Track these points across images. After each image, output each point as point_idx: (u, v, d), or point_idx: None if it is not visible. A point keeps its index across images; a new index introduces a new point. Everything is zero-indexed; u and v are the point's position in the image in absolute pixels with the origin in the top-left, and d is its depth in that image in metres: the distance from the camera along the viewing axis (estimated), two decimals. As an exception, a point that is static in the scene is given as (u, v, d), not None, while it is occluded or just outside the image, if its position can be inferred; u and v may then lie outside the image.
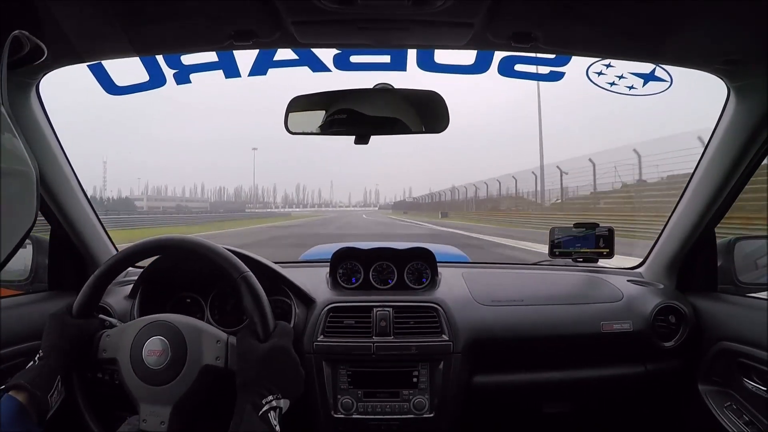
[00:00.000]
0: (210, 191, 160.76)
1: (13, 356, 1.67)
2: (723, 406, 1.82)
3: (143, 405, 1.20)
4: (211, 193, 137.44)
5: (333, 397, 1.79)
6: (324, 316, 1.85)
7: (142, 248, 1.38)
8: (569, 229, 2.27)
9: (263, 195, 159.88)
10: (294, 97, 1.66)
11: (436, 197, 64.24)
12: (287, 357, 1.18)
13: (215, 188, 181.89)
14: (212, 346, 1.23)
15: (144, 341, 1.25)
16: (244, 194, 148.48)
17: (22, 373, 1.14)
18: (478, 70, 1.85)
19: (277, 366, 1.16)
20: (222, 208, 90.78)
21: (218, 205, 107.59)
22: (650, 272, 2.22)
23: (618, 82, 1.89)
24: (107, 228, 2.13)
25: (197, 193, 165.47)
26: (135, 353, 1.25)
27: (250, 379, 1.13)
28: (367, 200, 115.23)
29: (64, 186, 1.87)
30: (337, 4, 1.22)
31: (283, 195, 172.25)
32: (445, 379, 1.80)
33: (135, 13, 1.29)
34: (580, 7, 1.27)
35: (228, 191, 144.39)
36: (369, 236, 22.31)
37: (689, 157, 11.45)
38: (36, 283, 2.01)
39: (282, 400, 1.12)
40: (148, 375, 1.22)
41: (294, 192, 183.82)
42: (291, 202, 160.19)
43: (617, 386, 2.00)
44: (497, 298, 1.99)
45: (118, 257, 1.36)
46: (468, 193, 44.08)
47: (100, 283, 1.33)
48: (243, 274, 1.27)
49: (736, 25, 1.32)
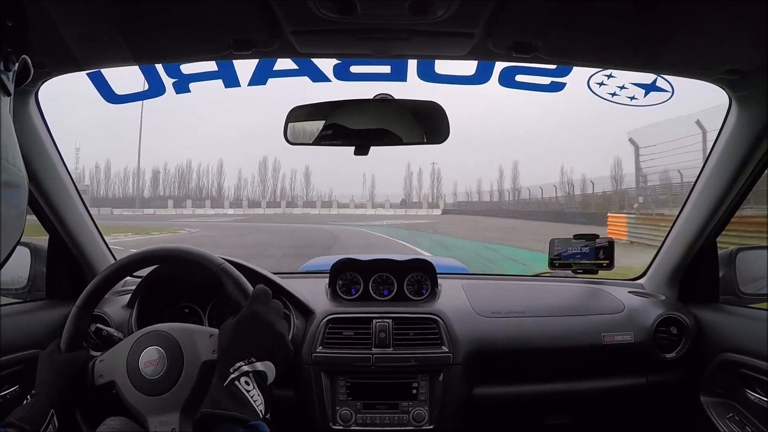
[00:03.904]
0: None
1: (11, 364, 1.67)
2: (725, 417, 1.80)
3: (151, 418, 1.19)
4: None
5: (331, 409, 1.78)
6: (323, 327, 1.84)
7: (117, 271, 1.39)
8: (569, 240, 2.26)
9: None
10: (294, 107, 1.66)
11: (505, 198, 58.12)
12: (258, 320, 1.14)
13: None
14: (206, 341, 1.22)
15: (138, 354, 1.25)
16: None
17: (15, 411, 1.13)
18: (478, 80, 1.85)
19: (249, 331, 1.13)
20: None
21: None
22: (652, 283, 2.21)
23: (619, 92, 1.89)
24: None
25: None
26: (132, 369, 1.24)
27: (222, 352, 1.11)
28: (412, 194, 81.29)
29: (63, 194, 1.86)
30: (337, 14, 1.21)
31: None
32: (445, 390, 1.78)
33: (134, 22, 1.28)
34: (581, 17, 1.27)
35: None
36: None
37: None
38: (34, 291, 2.00)
39: (259, 363, 1.08)
40: (150, 386, 1.21)
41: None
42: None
43: (618, 398, 1.98)
44: (497, 309, 1.98)
45: (97, 283, 1.37)
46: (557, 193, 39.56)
47: (81, 315, 1.34)
48: (221, 266, 1.27)
49: (737, 34, 1.32)
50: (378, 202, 76.02)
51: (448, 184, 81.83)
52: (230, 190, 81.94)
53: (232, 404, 1.01)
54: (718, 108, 1.76)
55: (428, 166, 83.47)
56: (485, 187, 70.92)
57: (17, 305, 1.93)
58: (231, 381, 1.04)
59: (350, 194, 78.70)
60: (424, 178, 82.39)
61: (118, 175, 78.26)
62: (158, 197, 72.53)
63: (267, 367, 1.10)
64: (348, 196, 77.71)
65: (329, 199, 78.54)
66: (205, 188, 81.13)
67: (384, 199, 76.06)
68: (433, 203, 74.24)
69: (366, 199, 79.34)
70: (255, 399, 1.04)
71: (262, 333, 1.13)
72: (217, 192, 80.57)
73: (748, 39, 1.33)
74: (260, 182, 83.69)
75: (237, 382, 1.04)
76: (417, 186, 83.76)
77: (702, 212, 1.91)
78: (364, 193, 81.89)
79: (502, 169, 73.26)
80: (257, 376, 1.07)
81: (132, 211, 55.74)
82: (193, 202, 68.26)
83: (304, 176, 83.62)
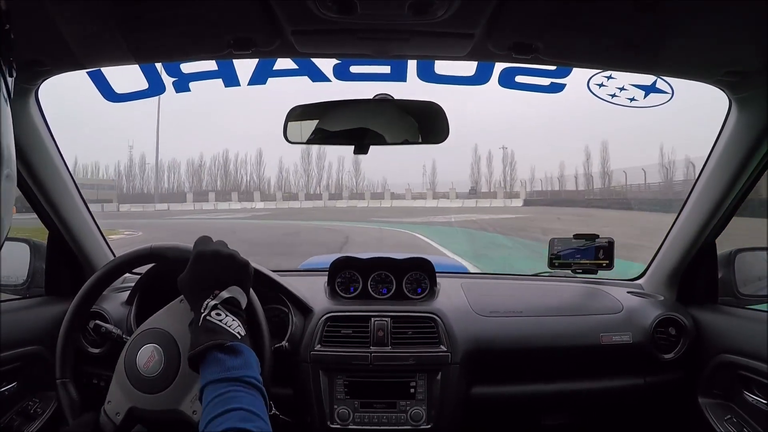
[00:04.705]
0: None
1: (10, 361, 1.67)
2: (723, 419, 1.80)
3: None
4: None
5: (329, 407, 1.78)
6: (321, 326, 1.84)
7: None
8: (569, 240, 2.26)
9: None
10: (293, 107, 1.66)
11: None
12: (205, 257, 1.17)
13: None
14: None
15: (135, 354, 1.27)
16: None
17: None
18: (478, 81, 1.84)
19: (202, 271, 1.16)
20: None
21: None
22: (650, 284, 2.21)
23: (619, 93, 1.89)
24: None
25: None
26: (130, 369, 1.26)
27: (190, 301, 1.15)
28: (481, 182, 67.27)
29: (62, 191, 1.86)
30: (337, 14, 1.21)
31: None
32: (443, 390, 1.79)
33: (134, 21, 1.28)
34: (581, 18, 1.27)
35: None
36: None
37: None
38: (33, 287, 2.01)
39: (223, 292, 1.12)
40: (149, 385, 1.25)
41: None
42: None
43: (616, 398, 1.98)
44: (496, 309, 1.98)
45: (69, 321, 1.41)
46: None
47: (68, 387, 1.38)
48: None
49: (737, 36, 1.31)
50: (441, 192, 62.48)
51: (523, 170, 67.35)
52: (270, 181, 74.23)
53: (207, 337, 1.05)
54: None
55: (498, 151, 72.43)
56: (569, 172, 59.71)
57: (16, 301, 1.95)
58: (203, 319, 1.08)
59: (406, 183, 66.26)
60: (495, 164, 69.11)
61: (149, 168, 71.49)
62: (177, 192, 66.74)
63: (232, 292, 1.14)
64: (403, 186, 65.86)
65: (381, 190, 67.39)
66: (243, 181, 73.59)
67: (448, 188, 62.52)
68: (510, 192, 60.93)
69: (426, 188, 66.55)
70: (229, 324, 1.08)
71: (213, 266, 1.17)
72: (255, 185, 72.23)
73: (748, 41, 1.33)
74: (303, 172, 74.19)
75: (209, 317, 1.08)
76: (486, 173, 70.41)
77: (701, 213, 1.91)
78: (424, 182, 69.14)
79: (589, 151, 61.50)
80: (226, 303, 1.11)
81: (143, 206, 52.71)
82: (216, 196, 62.23)
83: (353, 165, 72.67)
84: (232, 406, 0.93)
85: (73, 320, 1.40)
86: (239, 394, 0.96)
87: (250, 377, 1.00)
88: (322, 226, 25.01)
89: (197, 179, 71.18)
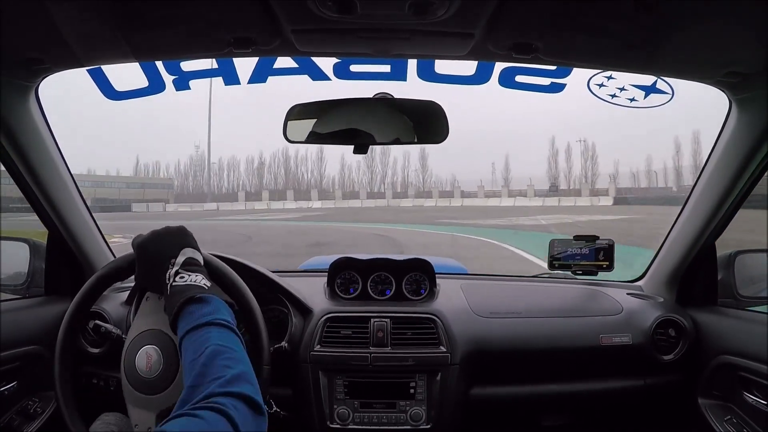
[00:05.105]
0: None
1: (10, 360, 1.67)
2: (723, 420, 1.80)
3: (150, 416, 1.23)
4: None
5: (329, 407, 1.78)
6: (321, 326, 1.84)
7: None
8: (569, 241, 2.25)
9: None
10: (293, 105, 1.66)
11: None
12: (146, 241, 1.25)
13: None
14: None
15: (135, 355, 1.27)
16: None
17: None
18: (478, 80, 1.84)
19: (150, 253, 1.23)
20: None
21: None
22: (650, 285, 2.21)
23: (619, 94, 1.89)
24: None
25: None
26: (129, 370, 1.27)
27: (157, 284, 1.20)
28: (559, 178, 62.61)
29: (62, 190, 1.86)
30: (337, 13, 1.21)
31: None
32: (443, 390, 1.79)
33: (134, 19, 1.28)
34: (581, 18, 1.27)
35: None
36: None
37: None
38: (33, 287, 2.01)
39: (177, 258, 1.19)
40: (148, 386, 1.25)
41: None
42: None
43: (616, 400, 1.98)
44: (496, 310, 1.98)
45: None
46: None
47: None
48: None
49: (738, 37, 1.31)
50: (516, 190, 56.49)
51: (605, 164, 62.23)
52: (334, 179, 72.26)
53: (179, 297, 1.11)
54: None
55: (575, 144, 65.24)
56: (657, 166, 56.45)
57: (16, 301, 1.94)
58: (170, 287, 1.14)
59: (478, 180, 60.79)
60: (574, 157, 63.34)
61: (209, 166, 70.87)
62: (232, 192, 65.67)
63: (186, 254, 1.21)
64: (475, 182, 60.36)
65: (450, 188, 62.85)
66: (304, 179, 71.56)
67: (525, 184, 56.06)
68: (595, 189, 55.00)
69: (501, 185, 61.34)
70: (194, 280, 1.15)
71: (157, 246, 1.24)
72: (316, 182, 70.21)
73: (749, 42, 1.33)
74: (366, 169, 71.21)
75: (174, 283, 1.14)
76: (565, 168, 63.98)
77: (701, 215, 1.90)
78: (493, 179, 64.07)
79: (679, 143, 56.99)
80: (185, 265, 1.18)
81: (190, 206, 52.21)
82: (271, 195, 60.40)
83: (419, 161, 69.31)
84: (205, 346, 0.97)
85: (72, 320, 1.40)
86: (211, 334, 1.01)
87: (219, 319, 1.05)
88: (371, 231, 20.63)
89: (257, 178, 70.27)
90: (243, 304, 1.40)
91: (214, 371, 0.91)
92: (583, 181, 59.50)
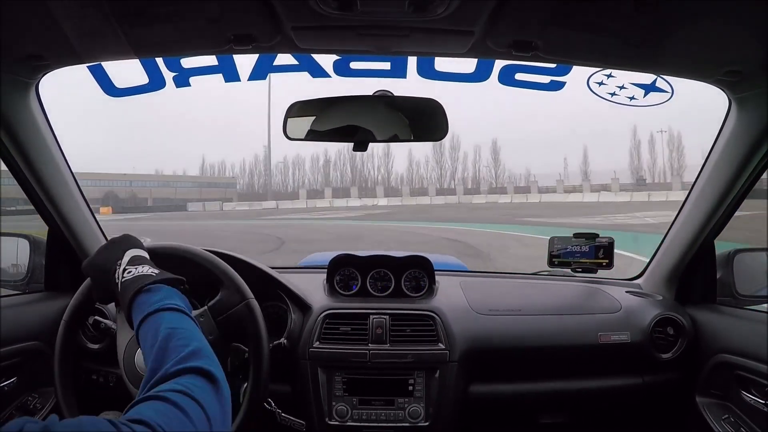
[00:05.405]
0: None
1: (10, 356, 1.68)
2: (721, 418, 1.80)
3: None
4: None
5: (328, 404, 1.79)
6: (320, 323, 1.84)
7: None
8: (569, 239, 2.26)
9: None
10: (293, 103, 1.66)
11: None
12: (91, 265, 1.25)
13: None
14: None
15: (134, 352, 1.27)
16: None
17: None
18: (478, 78, 1.84)
19: (95, 266, 1.24)
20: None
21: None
22: (649, 283, 2.21)
23: (619, 92, 1.89)
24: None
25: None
26: (128, 367, 1.27)
27: (115, 289, 1.19)
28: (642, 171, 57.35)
29: (62, 187, 1.86)
30: (338, 10, 1.21)
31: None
32: (441, 387, 1.79)
33: (134, 15, 1.28)
34: (581, 16, 1.27)
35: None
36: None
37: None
38: (32, 283, 2.01)
39: (123, 259, 1.20)
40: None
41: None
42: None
43: (614, 398, 1.98)
44: (495, 307, 1.98)
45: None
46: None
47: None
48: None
49: (737, 36, 1.31)
50: (599, 184, 50.73)
51: (692, 156, 54.22)
52: (402, 176, 69.11)
53: (129, 291, 1.12)
54: None
55: (657, 135, 59.17)
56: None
57: (16, 297, 1.94)
58: (120, 284, 1.16)
59: (554, 173, 56.23)
60: (658, 148, 58.43)
61: (274, 166, 71.47)
62: (292, 191, 65.06)
63: (131, 254, 1.23)
64: (551, 177, 55.69)
65: (524, 184, 57.59)
66: (371, 175, 68.68)
67: (609, 178, 50.20)
68: (686, 183, 40.69)
69: (581, 179, 55.51)
70: (140, 271, 1.17)
71: (104, 256, 1.25)
72: (383, 179, 66.81)
73: (749, 40, 1.33)
74: (435, 165, 67.75)
75: (123, 279, 1.16)
76: (649, 160, 59.01)
77: (701, 213, 1.91)
78: (567, 172, 58.67)
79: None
80: (130, 263, 1.19)
81: (249, 205, 51.75)
82: (334, 192, 58.76)
83: (491, 155, 65.32)
84: (159, 330, 0.99)
85: (72, 316, 1.41)
86: (163, 319, 1.03)
87: (169, 304, 1.07)
88: (442, 233, 18.32)
89: (323, 176, 68.75)
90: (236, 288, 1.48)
91: (171, 351, 0.94)
92: (670, 174, 54.69)
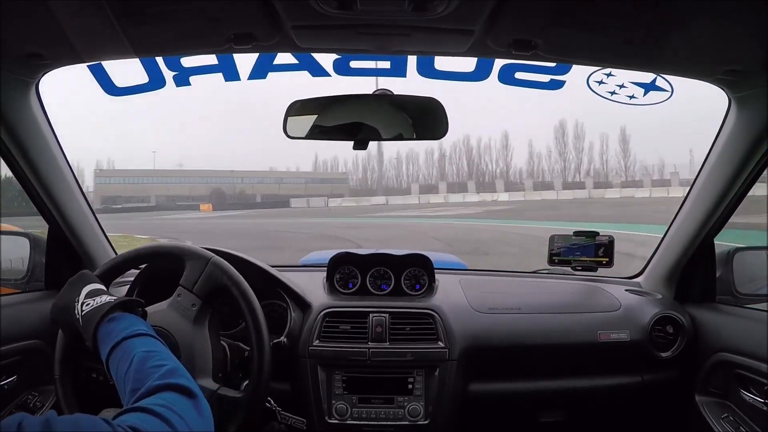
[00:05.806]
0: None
1: (10, 354, 1.68)
2: (720, 417, 1.80)
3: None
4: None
5: (327, 402, 1.79)
6: (320, 321, 1.84)
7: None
8: (569, 237, 2.25)
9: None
10: (293, 101, 1.66)
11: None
12: (56, 308, 1.28)
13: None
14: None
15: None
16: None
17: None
18: (478, 77, 1.84)
19: (61, 310, 1.25)
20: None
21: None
22: (649, 282, 2.21)
23: (619, 91, 1.89)
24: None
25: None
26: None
27: (75, 323, 1.21)
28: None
29: (63, 186, 1.86)
30: (337, 9, 1.21)
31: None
32: (441, 386, 1.79)
33: (135, 14, 1.28)
34: (581, 15, 1.27)
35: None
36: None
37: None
38: (33, 282, 2.01)
39: (81, 294, 1.23)
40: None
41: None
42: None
43: (613, 396, 1.99)
44: (494, 305, 1.98)
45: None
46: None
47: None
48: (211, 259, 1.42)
49: (737, 35, 1.31)
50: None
51: None
52: (521, 170, 63.35)
53: (91, 324, 1.14)
54: None
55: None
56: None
57: (16, 295, 1.95)
58: (81, 317, 1.18)
59: (681, 164, 50.07)
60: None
61: (387, 161, 68.01)
62: (407, 186, 60.71)
63: (87, 289, 1.25)
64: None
65: (658, 176, 51.30)
66: (488, 169, 63.70)
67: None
68: None
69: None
70: (99, 301, 1.19)
71: (65, 295, 1.27)
72: (502, 173, 61.90)
73: (749, 40, 1.33)
74: (558, 157, 61.96)
75: (83, 312, 1.18)
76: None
77: (700, 212, 1.91)
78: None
79: None
80: (88, 296, 1.22)
81: (356, 201, 50.24)
82: (449, 187, 54.80)
83: (619, 144, 58.87)
84: (132, 356, 0.99)
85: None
86: (134, 344, 1.04)
87: (136, 331, 1.08)
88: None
89: (438, 170, 65.14)
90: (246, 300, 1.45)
91: (149, 371, 0.95)
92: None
